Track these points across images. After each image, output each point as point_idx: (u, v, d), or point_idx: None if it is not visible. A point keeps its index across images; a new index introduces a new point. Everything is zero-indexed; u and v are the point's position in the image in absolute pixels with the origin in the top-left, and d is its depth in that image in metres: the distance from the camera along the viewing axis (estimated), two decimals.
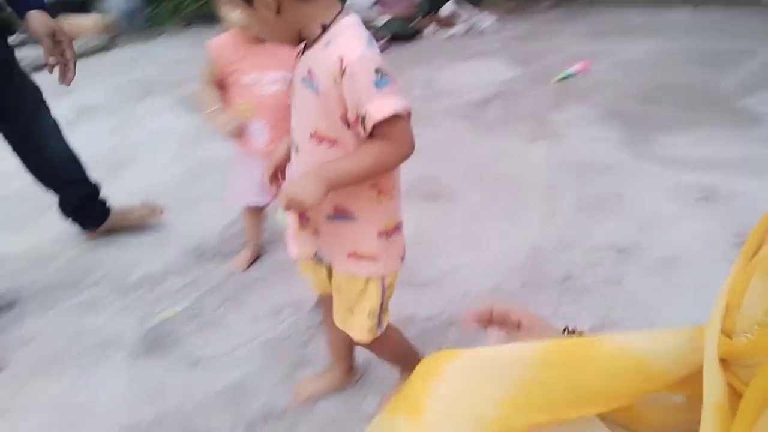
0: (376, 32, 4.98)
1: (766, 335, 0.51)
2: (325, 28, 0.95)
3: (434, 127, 3.12)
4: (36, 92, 1.89)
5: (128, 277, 1.86)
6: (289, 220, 1.04)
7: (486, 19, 5.25)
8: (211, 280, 1.84)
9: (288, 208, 0.95)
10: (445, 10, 5.55)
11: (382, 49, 4.68)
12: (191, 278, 1.86)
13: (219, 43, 1.62)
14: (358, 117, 0.93)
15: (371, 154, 0.96)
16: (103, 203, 2.06)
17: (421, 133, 3.22)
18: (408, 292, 1.78)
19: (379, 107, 0.90)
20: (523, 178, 2.43)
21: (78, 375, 1.47)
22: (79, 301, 1.74)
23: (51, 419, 1.34)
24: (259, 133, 1.67)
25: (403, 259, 1.16)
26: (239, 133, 1.61)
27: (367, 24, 5.55)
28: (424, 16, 5.60)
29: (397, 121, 0.93)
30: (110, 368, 1.49)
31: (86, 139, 3.02)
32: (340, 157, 0.98)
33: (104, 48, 4.96)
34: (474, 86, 3.66)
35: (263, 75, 1.61)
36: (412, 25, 5.35)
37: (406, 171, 2.74)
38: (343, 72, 0.90)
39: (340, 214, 1.05)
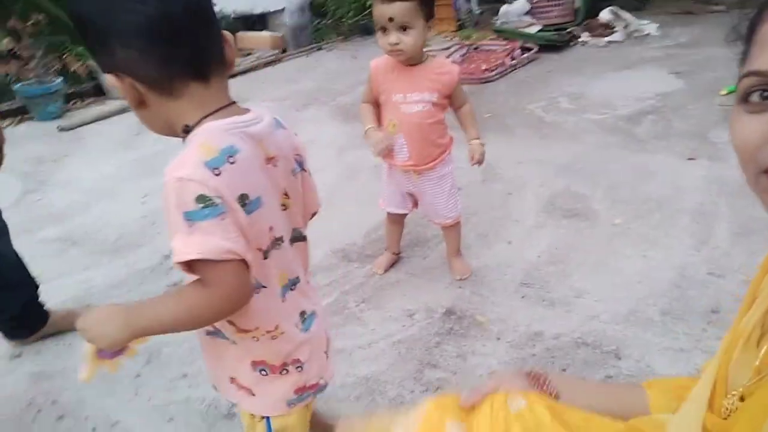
0: (528, 41, 4.94)
1: (745, 408, 0.51)
2: (188, 130, 0.81)
3: (580, 141, 3.06)
4: None
5: None
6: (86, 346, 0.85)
7: (648, 26, 4.96)
8: (354, 280, 2.02)
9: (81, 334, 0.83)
10: (603, 16, 5.34)
11: (531, 60, 4.66)
12: (337, 276, 2.06)
13: (377, 64, 1.79)
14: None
15: (184, 301, 0.80)
16: (42, 306, 1.83)
17: (566, 147, 3.24)
18: (537, 307, 1.81)
19: (183, 246, 0.74)
20: (672, 199, 2.31)
21: None
22: None
23: None
24: (401, 148, 1.81)
25: (292, 404, 0.97)
26: (389, 153, 1.76)
27: (520, 33, 5.52)
28: (580, 23, 5.44)
29: (214, 265, 0.75)
30: None
31: None
32: (154, 299, 0.84)
33: (274, 61, 5.52)
34: (628, 99, 3.51)
35: (408, 95, 1.75)
36: (566, 32, 5.22)
37: (548, 184, 2.75)
38: (164, 191, 0.76)
39: (216, 331, 0.91)
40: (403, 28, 1.62)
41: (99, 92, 4.75)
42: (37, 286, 1.81)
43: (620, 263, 1.99)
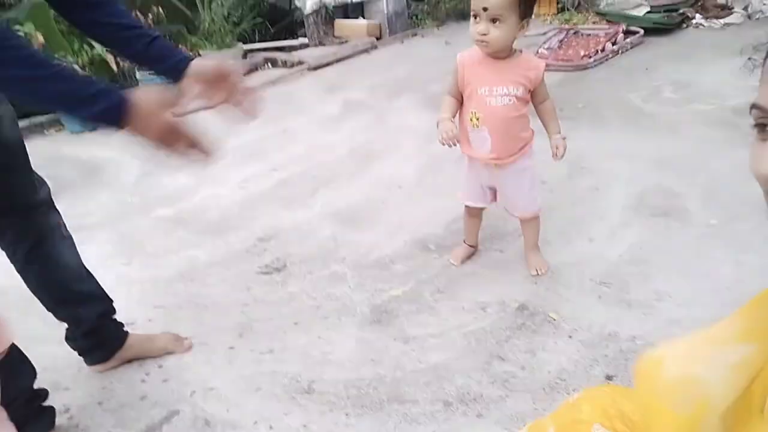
0: (634, 24, 4.69)
1: None
2: None
3: (681, 134, 2.91)
4: (46, 186, 1.53)
5: (366, 257, 2.22)
6: None
7: None
8: (431, 270, 2.09)
9: None
10: None
11: (635, 45, 4.42)
12: (415, 265, 2.14)
13: (464, 57, 1.83)
14: None
15: None
16: (120, 324, 1.76)
17: (663, 140, 3.12)
18: (615, 307, 1.79)
19: None
20: None
21: (321, 331, 1.85)
22: (328, 272, 2.16)
23: (302, 361, 1.73)
24: (484, 141, 1.84)
25: None
26: (452, 143, 1.79)
27: (626, 15, 5.29)
28: (694, 3, 5.06)
29: None
30: (345, 331, 1.85)
31: (347, 133, 3.58)
32: None
33: (370, 48, 5.64)
34: (740, 88, 3.26)
35: (494, 88, 1.77)
36: (677, 14, 4.89)
37: (639, 180, 2.65)
38: None
39: None
40: (495, 20, 1.64)
41: None
42: (111, 301, 1.72)
43: (709, 267, 1.90)
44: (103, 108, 1.10)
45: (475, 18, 1.67)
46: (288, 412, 1.55)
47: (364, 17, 6.14)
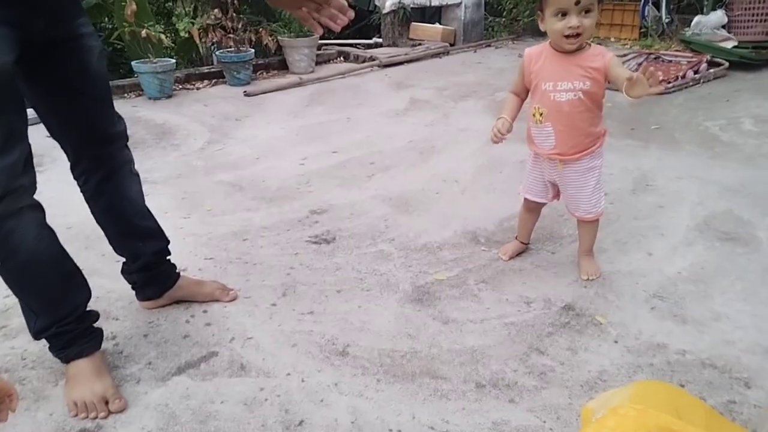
0: (719, 56, 4.52)
1: None
2: None
3: (757, 166, 2.78)
4: (123, 122, 1.64)
5: (414, 241, 2.22)
6: None
7: None
8: (478, 260, 2.07)
9: None
10: None
11: (718, 77, 4.25)
12: (462, 254, 2.12)
13: (532, 51, 1.82)
14: None
15: None
16: (173, 265, 1.84)
17: (738, 169, 3.02)
18: (667, 320, 1.72)
19: None
20: None
21: (362, 302, 1.86)
22: (375, 250, 2.17)
23: (340, 326, 1.74)
24: (547, 137, 1.82)
25: None
26: (500, 140, 1.78)
27: (712, 46, 5.10)
28: None
29: None
30: (385, 304, 1.85)
31: (410, 127, 3.60)
32: None
33: (442, 53, 5.67)
34: None
35: (558, 83, 1.74)
36: (766, 51, 4.68)
37: (708, 203, 2.57)
38: None
39: None
40: (586, 11, 1.63)
41: (283, 66, 5.27)
42: (168, 242, 1.80)
43: None
44: None
45: (562, 15, 1.64)
46: (321, 369, 1.56)
47: (440, 23, 6.18)
